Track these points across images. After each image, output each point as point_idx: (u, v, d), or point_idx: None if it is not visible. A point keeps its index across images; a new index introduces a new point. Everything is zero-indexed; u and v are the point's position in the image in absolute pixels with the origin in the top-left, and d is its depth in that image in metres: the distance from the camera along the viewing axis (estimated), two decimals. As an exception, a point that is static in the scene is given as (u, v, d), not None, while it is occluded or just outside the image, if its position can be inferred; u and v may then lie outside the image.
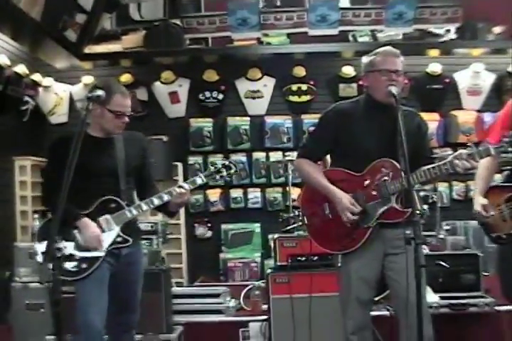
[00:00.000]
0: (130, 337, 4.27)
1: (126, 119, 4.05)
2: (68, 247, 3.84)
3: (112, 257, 4.00)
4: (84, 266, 3.92)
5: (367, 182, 3.80)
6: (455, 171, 3.61)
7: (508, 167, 4.25)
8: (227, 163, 4.17)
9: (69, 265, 3.87)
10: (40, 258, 3.93)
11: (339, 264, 3.92)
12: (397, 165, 3.68)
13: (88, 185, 3.94)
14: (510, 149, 3.47)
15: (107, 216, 4.00)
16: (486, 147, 3.57)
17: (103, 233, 3.96)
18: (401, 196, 3.72)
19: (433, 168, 3.66)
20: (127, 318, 4.18)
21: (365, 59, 3.94)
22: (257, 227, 7.92)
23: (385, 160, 3.76)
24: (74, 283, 3.93)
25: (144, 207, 4.06)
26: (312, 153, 4.01)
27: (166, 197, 4.04)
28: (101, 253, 3.94)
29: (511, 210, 3.87)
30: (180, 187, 4.04)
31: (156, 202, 4.04)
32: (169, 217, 4.48)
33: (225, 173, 4.14)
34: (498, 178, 4.28)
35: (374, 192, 3.77)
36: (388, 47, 3.93)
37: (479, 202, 4.00)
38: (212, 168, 4.14)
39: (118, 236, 3.99)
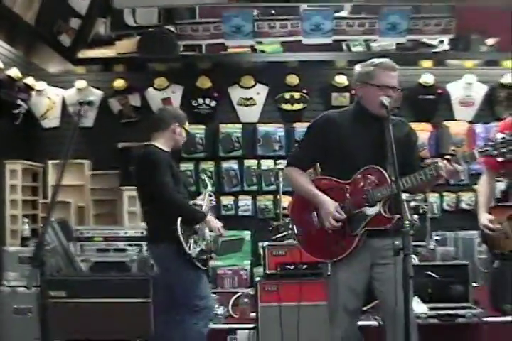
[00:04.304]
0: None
1: None
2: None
3: None
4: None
5: (354, 189, 3.79)
6: (439, 175, 3.58)
7: (502, 179, 4.27)
8: None
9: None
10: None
11: (328, 273, 3.91)
12: (384, 172, 3.68)
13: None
14: (495, 152, 3.45)
15: None
16: (470, 151, 3.57)
17: None
18: (388, 203, 3.71)
19: (418, 173, 3.65)
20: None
21: (360, 68, 3.90)
22: (247, 235, 7.87)
23: (372, 168, 3.75)
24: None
25: None
26: (301, 161, 3.99)
27: None
28: None
29: None
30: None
31: None
32: None
33: None
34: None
35: (360, 200, 3.77)
36: (387, 60, 3.87)
37: (485, 217, 4.01)
38: None
39: None
